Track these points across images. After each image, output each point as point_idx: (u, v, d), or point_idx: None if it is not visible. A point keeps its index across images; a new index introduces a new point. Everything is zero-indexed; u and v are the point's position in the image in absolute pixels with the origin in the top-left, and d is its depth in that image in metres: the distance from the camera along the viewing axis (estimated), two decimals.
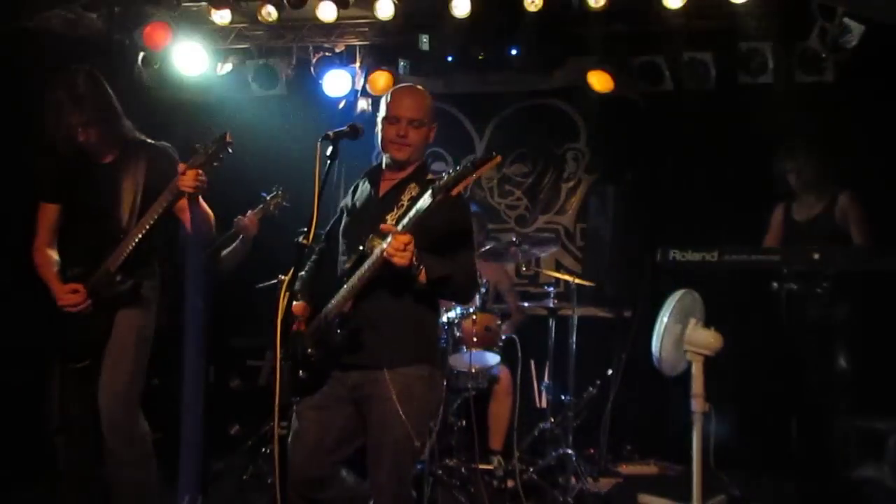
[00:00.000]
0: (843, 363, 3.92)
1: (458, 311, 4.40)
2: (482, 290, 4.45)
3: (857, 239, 4.16)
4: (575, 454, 4.35)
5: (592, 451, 4.94)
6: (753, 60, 4.90)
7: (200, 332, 4.10)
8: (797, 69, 4.90)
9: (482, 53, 5.35)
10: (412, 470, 2.72)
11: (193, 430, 3.97)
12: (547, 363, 4.64)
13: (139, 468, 3.07)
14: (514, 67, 5.37)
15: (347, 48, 5.47)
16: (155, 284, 3.26)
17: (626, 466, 4.99)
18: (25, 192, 3.45)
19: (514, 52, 5.21)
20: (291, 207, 4.39)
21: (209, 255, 4.23)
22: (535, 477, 4.36)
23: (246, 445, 4.78)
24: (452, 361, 4.34)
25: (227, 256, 4.37)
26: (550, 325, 4.60)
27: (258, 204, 4.39)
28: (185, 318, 4.05)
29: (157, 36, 4.86)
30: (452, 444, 4.33)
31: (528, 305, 5.20)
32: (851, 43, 4.53)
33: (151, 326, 3.19)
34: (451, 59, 5.39)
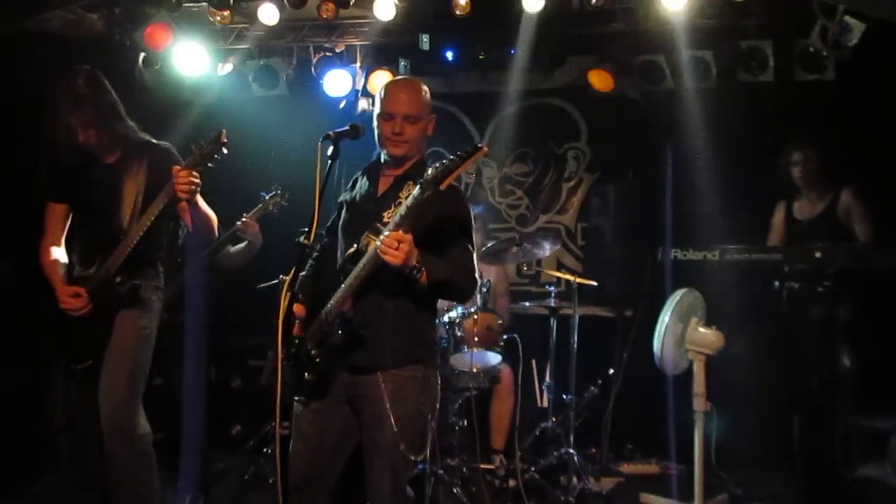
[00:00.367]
0: (845, 362, 3.92)
1: (459, 310, 4.40)
2: (484, 289, 4.44)
3: (860, 235, 4.15)
4: (576, 453, 4.35)
5: (594, 450, 4.94)
6: (754, 59, 4.90)
7: (201, 331, 4.11)
8: (798, 67, 4.90)
9: (482, 53, 5.36)
10: (407, 469, 2.69)
11: (195, 430, 3.97)
12: (548, 362, 4.64)
13: (138, 469, 3.05)
14: (514, 67, 5.37)
15: (348, 48, 5.47)
16: (157, 285, 3.25)
17: (627, 466, 5.00)
18: (27, 193, 3.46)
19: (514, 51, 5.21)
20: (292, 207, 4.39)
21: (212, 253, 4.24)
22: (536, 476, 4.36)
23: (247, 445, 4.79)
24: (454, 361, 4.34)
25: (234, 253, 4.36)
26: (552, 324, 4.60)
27: (257, 204, 4.39)
28: (186, 317, 4.06)
29: (157, 36, 4.86)
30: (454, 443, 4.33)
31: (528, 305, 5.19)
32: (852, 41, 4.53)
33: (152, 327, 3.18)
34: (451, 58, 5.39)
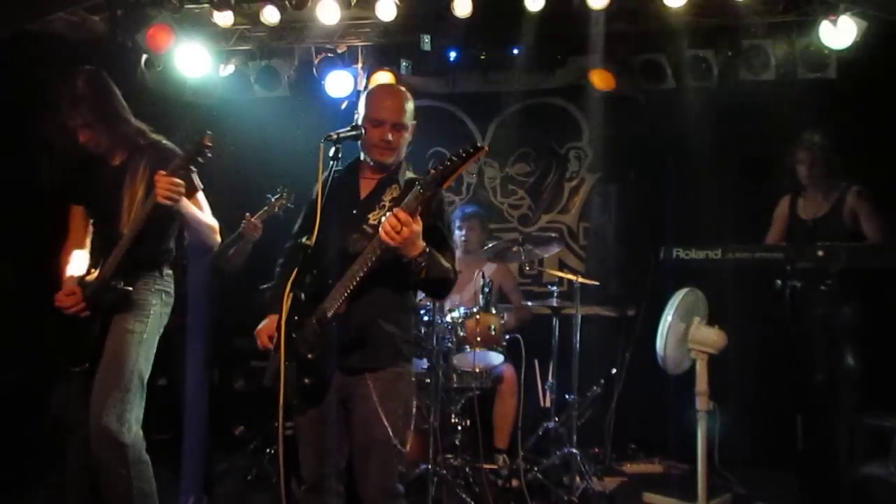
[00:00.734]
0: (848, 361, 3.91)
1: (461, 311, 4.40)
2: (485, 289, 4.44)
3: (868, 234, 4.11)
4: (579, 453, 4.34)
5: (597, 450, 4.94)
6: (755, 57, 4.90)
7: (205, 333, 4.11)
8: (799, 66, 4.89)
9: (484, 53, 5.36)
10: (399, 463, 2.73)
11: (198, 430, 3.97)
12: (551, 362, 4.63)
13: (127, 476, 2.98)
14: (515, 67, 5.37)
15: (349, 49, 5.47)
16: (160, 288, 3.20)
17: (630, 465, 5.00)
18: (29, 196, 3.47)
19: (515, 51, 5.22)
20: (295, 208, 4.40)
21: (215, 257, 4.25)
22: (539, 476, 4.36)
23: (250, 446, 4.79)
24: (456, 361, 4.34)
25: (232, 255, 4.38)
26: (554, 324, 4.60)
27: (263, 205, 4.40)
28: (189, 319, 4.06)
29: (159, 38, 4.87)
30: (457, 443, 4.34)
31: (531, 304, 5.20)
32: (854, 39, 4.53)
33: (150, 332, 3.13)
34: (452, 58, 5.40)
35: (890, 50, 4.40)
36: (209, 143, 2.88)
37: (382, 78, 5.29)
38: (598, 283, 4.77)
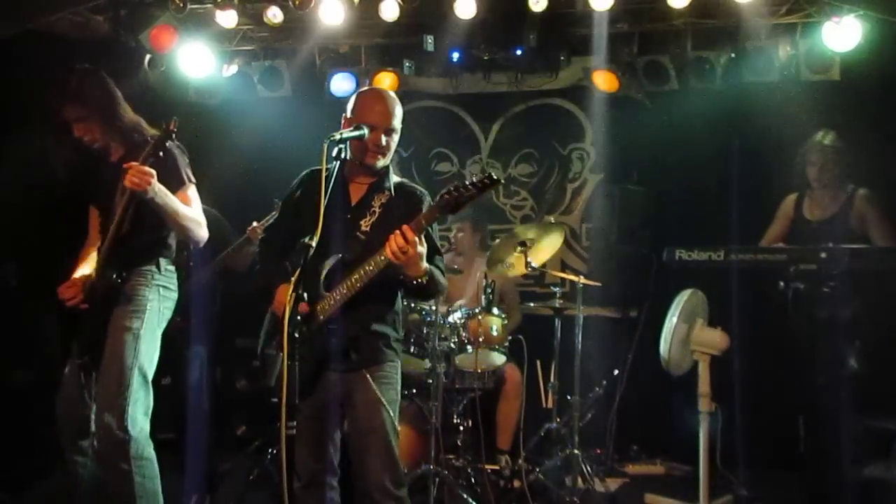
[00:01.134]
0: (851, 363, 3.90)
1: (463, 311, 4.41)
2: (488, 290, 4.44)
3: (875, 239, 4.05)
4: (581, 454, 4.34)
5: (599, 451, 4.94)
6: (759, 59, 4.90)
7: (208, 333, 4.12)
8: (803, 68, 4.89)
9: (487, 54, 5.36)
10: (397, 451, 2.78)
11: (200, 430, 3.98)
12: (553, 363, 4.63)
13: (127, 469, 2.99)
14: (519, 68, 5.38)
15: (352, 49, 5.48)
16: (157, 284, 3.20)
17: (632, 466, 5.00)
18: (34, 196, 3.48)
19: (518, 52, 5.22)
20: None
21: (223, 259, 4.25)
22: (541, 477, 4.36)
23: (252, 446, 4.79)
24: (459, 361, 4.34)
25: (239, 257, 4.39)
26: (556, 325, 4.59)
27: (269, 210, 4.39)
28: (192, 320, 4.08)
29: (163, 38, 4.88)
30: (458, 443, 4.34)
31: (533, 305, 5.19)
32: (857, 41, 4.52)
33: (147, 327, 3.13)
34: (456, 59, 5.40)
35: (894, 52, 4.40)
36: (174, 128, 2.94)
37: (385, 78, 5.30)
38: (600, 284, 4.76)
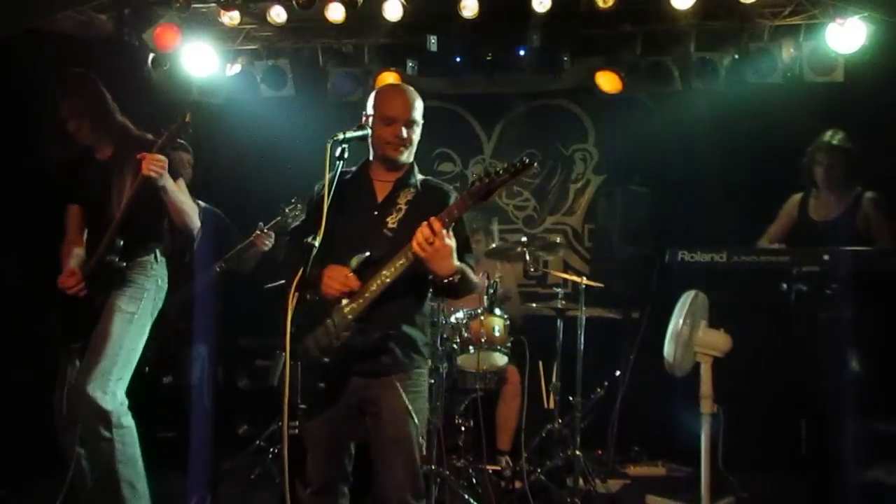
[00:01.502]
0: (853, 365, 3.89)
1: (465, 312, 4.40)
2: (490, 290, 4.44)
3: (879, 242, 4.02)
4: (583, 455, 4.34)
5: (600, 452, 4.93)
6: (762, 60, 4.89)
7: (210, 332, 4.13)
8: (806, 69, 4.88)
9: (490, 54, 5.36)
10: (422, 461, 2.74)
11: (202, 429, 3.98)
12: (555, 364, 4.63)
13: (109, 437, 3.08)
14: (522, 68, 5.37)
15: (356, 48, 5.47)
16: (154, 274, 3.30)
17: (634, 468, 4.99)
18: (33, 194, 3.50)
19: (522, 52, 5.22)
20: (301, 209, 4.40)
21: (227, 262, 4.25)
22: (542, 478, 4.36)
23: (254, 445, 4.79)
24: (460, 362, 4.34)
25: (244, 259, 4.39)
26: (558, 325, 4.59)
27: (275, 213, 4.40)
28: (195, 320, 4.08)
29: (166, 37, 4.89)
30: (460, 444, 4.33)
31: (535, 306, 5.19)
32: (861, 43, 4.51)
33: (141, 313, 3.23)
34: (459, 59, 5.40)
35: None
36: (189, 120, 3.05)
37: (388, 78, 5.30)
38: (602, 285, 4.76)
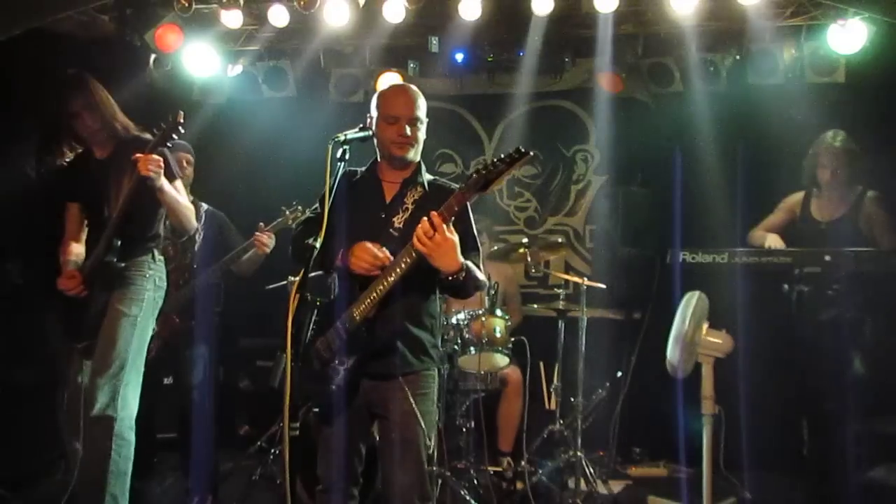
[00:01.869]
0: (855, 365, 3.89)
1: (466, 312, 4.40)
2: (491, 291, 4.44)
3: (881, 242, 4.00)
4: (584, 456, 4.33)
5: (602, 453, 4.93)
6: (763, 61, 4.89)
7: (211, 333, 4.13)
8: (808, 70, 4.88)
9: (491, 55, 5.36)
10: (428, 463, 2.73)
11: (204, 430, 3.98)
12: (556, 365, 4.63)
13: (108, 446, 3.07)
14: (523, 69, 5.37)
15: (357, 49, 5.48)
16: (152, 274, 3.31)
17: (635, 469, 4.99)
18: (37, 196, 3.50)
19: (522, 53, 5.22)
20: (302, 211, 4.40)
21: (227, 263, 4.25)
22: (544, 479, 4.36)
23: (255, 446, 4.80)
24: (462, 363, 4.34)
25: (245, 261, 4.38)
26: (560, 326, 4.59)
27: (276, 215, 4.39)
28: (196, 321, 4.08)
29: (168, 38, 4.89)
30: (461, 445, 4.33)
31: (537, 307, 5.18)
32: (863, 44, 4.51)
33: (144, 315, 3.24)
34: (460, 60, 5.40)
35: None
36: (182, 119, 3.04)
37: (390, 78, 5.30)
38: (604, 285, 4.76)
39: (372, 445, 2.79)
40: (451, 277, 2.53)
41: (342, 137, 2.60)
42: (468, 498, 4.01)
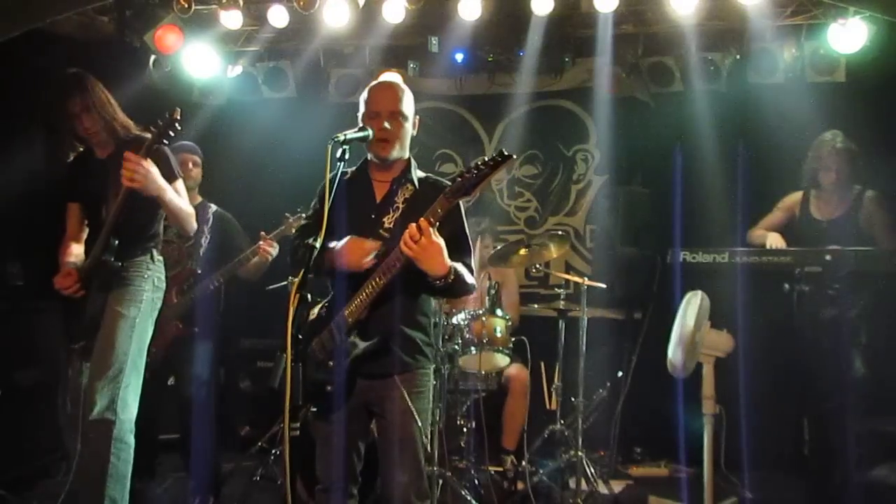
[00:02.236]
0: (856, 364, 3.89)
1: (467, 313, 4.40)
2: (492, 291, 4.44)
3: (881, 240, 4.02)
4: (585, 456, 4.33)
5: (602, 453, 4.92)
6: (764, 60, 4.89)
7: (212, 335, 4.13)
8: (808, 69, 4.88)
9: (491, 55, 5.36)
10: (426, 460, 2.74)
11: (205, 431, 3.98)
12: (557, 365, 4.63)
13: (106, 448, 3.04)
14: (523, 69, 5.37)
15: (357, 50, 5.48)
16: (150, 275, 3.28)
17: (636, 469, 4.98)
18: (38, 198, 3.50)
19: (523, 53, 5.22)
20: (302, 209, 4.39)
21: (231, 269, 4.25)
22: (544, 479, 4.36)
23: (256, 446, 4.79)
24: (462, 363, 4.34)
25: (250, 266, 4.37)
26: (560, 326, 4.59)
27: (274, 209, 4.38)
28: (197, 322, 4.08)
29: (168, 39, 4.89)
30: (462, 445, 4.33)
31: (537, 307, 5.18)
32: (863, 43, 4.51)
33: (142, 316, 3.22)
34: (460, 60, 5.40)
35: None
36: (178, 116, 3.01)
37: (389, 78, 5.29)
38: (604, 285, 4.76)
39: (372, 443, 2.80)
40: (438, 281, 2.54)
41: (342, 137, 2.59)
42: (469, 498, 4.00)
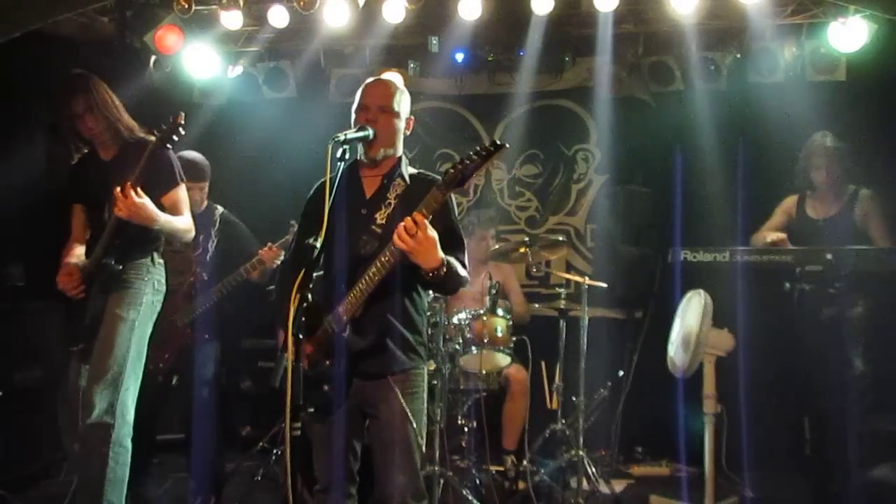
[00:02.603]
0: (857, 364, 3.89)
1: (467, 312, 4.40)
2: (492, 291, 4.44)
3: (877, 238, 4.04)
4: (586, 456, 4.33)
5: (603, 452, 4.93)
6: (764, 60, 4.89)
7: (213, 334, 4.13)
8: (808, 68, 4.88)
9: (492, 55, 5.36)
10: (422, 460, 2.75)
11: (206, 431, 3.98)
12: (558, 364, 4.63)
13: (105, 452, 3.04)
14: (523, 69, 5.37)
15: (357, 50, 5.48)
16: (150, 278, 3.28)
17: (637, 468, 4.99)
18: (39, 200, 3.50)
19: (523, 53, 5.22)
20: (301, 209, 4.39)
21: (231, 280, 4.25)
22: (546, 478, 4.36)
23: (257, 446, 4.80)
24: (463, 362, 4.34)
25: (254, 276, 4.36)
26: (561, 326, 4.59)
27: (274, 209, 4.38)
28: (198, 323, 4.08)
29: (168, 39, 4.89)
30: (463, 445, 4.33)
31: (538, 306, 5.18)
32: (864, 42, 4.51)
33: (142, 319, 3.21)
34: (460, 60, 5.40)
35: None
36: (182, 120, 3.02)
37: (389, 76, 5.29)
38: (605, 285, 4.76)
39: (368, 444, 2.80)
40: (431, 274, 2.54)
41: (342, 137, 2.60)
42: (470, 497, 4.00)
